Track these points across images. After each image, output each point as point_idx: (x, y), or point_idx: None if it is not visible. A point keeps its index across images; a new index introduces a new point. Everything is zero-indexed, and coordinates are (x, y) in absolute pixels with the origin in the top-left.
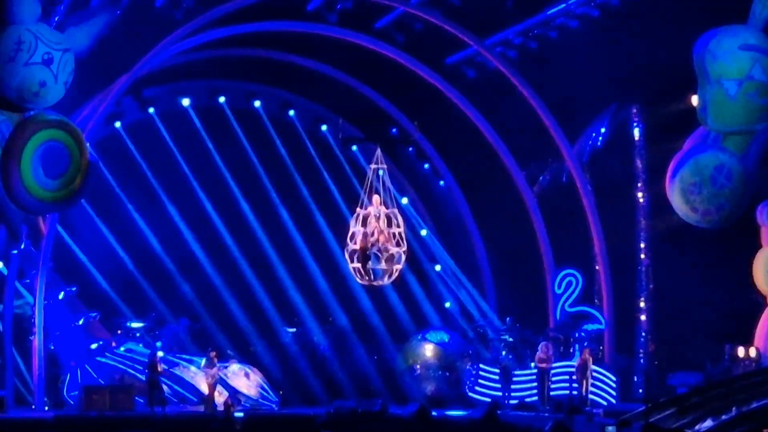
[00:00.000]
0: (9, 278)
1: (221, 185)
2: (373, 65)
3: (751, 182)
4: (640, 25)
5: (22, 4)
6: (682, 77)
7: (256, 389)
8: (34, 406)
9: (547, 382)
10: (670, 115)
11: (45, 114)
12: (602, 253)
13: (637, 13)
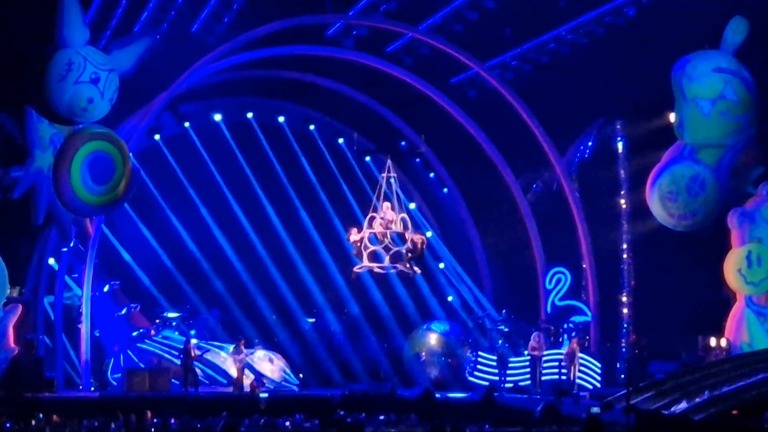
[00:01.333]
0: (60, 273)
1: (249, 191)
2: (384, 85)
3: (722, 191)
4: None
5: (73, 29)
6: (660, 96)
7: (279, 373)
8: (81, 387)
9: (538, 368)
10: (650, 130)
11: (92, 127)
12: (588, 252)
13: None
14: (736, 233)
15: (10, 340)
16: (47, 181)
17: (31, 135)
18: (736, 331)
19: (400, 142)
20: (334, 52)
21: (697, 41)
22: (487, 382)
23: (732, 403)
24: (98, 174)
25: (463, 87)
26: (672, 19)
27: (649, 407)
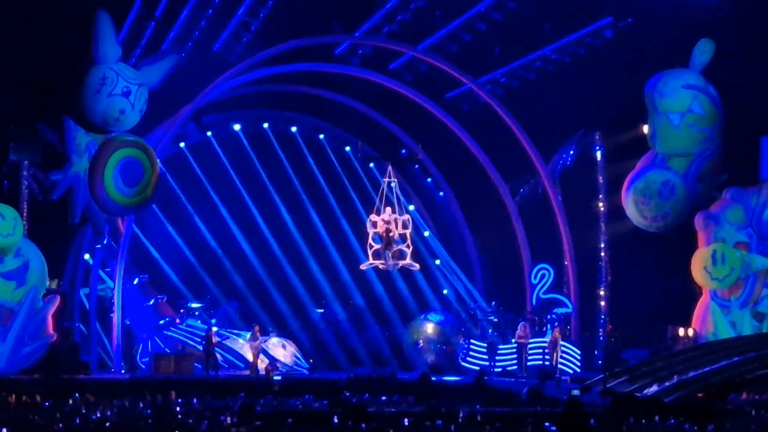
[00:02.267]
0: (94, 267)
1: (264, 193)
2: (386, 98)
3: (690, 195)
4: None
5: (106, 47)
6: (635, 110)
7: (291, 358)
8: (113, 370)
9: (524, 354)
10: (625, 141)
11: (124, 135)
12: (570, 251)
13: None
14: (703, 234)
15: (49, 327)
16: (83, 183)
17: (69, 142)
18: (702, 322)
19: (400, 150)
20: (342, 69)
21: (668, 60)
22: (478, 367)
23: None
24: (129, 177)
25: (458, 101)
26: (645, 41)
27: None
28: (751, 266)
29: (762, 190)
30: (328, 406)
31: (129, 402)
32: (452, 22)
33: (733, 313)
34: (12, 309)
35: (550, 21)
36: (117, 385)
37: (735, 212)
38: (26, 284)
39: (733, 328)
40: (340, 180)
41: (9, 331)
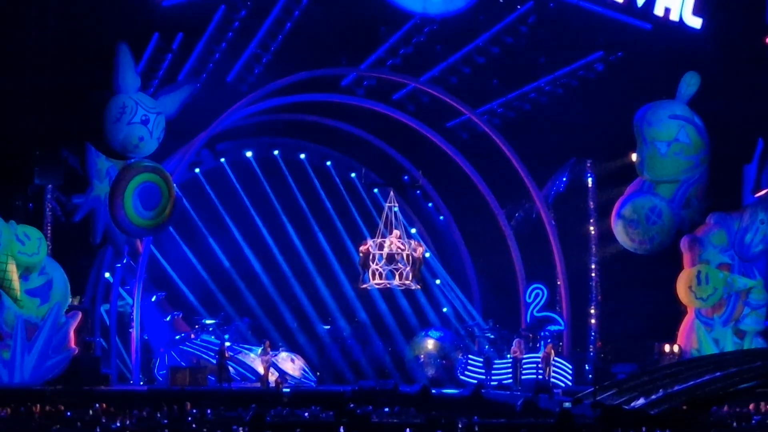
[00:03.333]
0: (114, 285)
1: (274, 216)
2: (390, 127)
3: (676, 220)
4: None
5: (126, 78)
6: (624, 139)
7: (299, 371)
8: (132, 382)
9: (519, 369)
10: (615, 168)
11: (143, 161)
12: (562, 271)
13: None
14: (688, 256)
15: (71, 341)
16: (104, 206)
17: (91, 168)
18: (687, 339)
19: (402, 176)
20: (348, 99)
21: (655, 92)
22: (476, 380)
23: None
24: (147, 201)
25: (457, 130)
26: (635, 74)
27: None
28: (734, 286)
29: (744, 215)
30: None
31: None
32: (452, 56)
33: (716, 330)
34: (36, 324)
35: (545, 55)
36: (135, 396)
37: (718, 236)
38: (50, 301)
39: (716, 344)
40: (346, 204)
41: (34, 344)
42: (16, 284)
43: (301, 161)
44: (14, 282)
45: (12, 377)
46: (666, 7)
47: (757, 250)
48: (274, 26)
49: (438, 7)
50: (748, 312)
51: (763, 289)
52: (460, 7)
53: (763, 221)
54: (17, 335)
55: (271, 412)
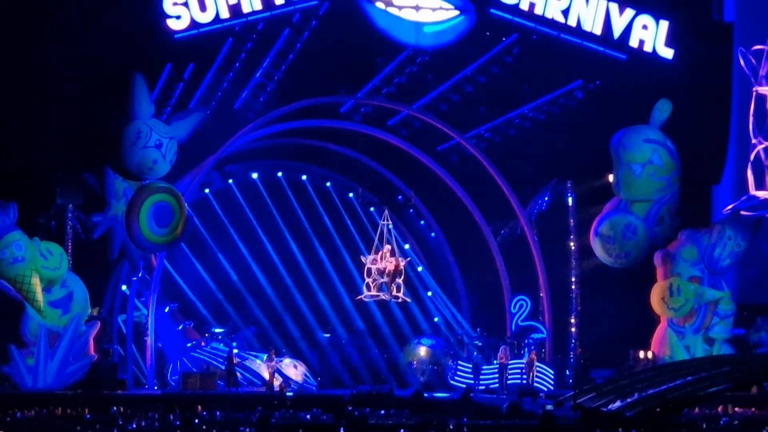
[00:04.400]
0: (130, 297)
1: (278, 233)
2: (385, 151)
3: (650, 236)
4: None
5: (141, 105)
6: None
7: (302, 376)
8: (147, 386)
9: (505, 374)
10: (593, 188)
11: (156, 182)
12: (545, 284)
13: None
14: (661, 269)
15: (91, 349)
16: (121, 224)
17: (109, 188)
18: (660, 346)
19: (396, 196)
20: (346, 125)
21: (631, 118)
22: (465, 385)
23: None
24: (161, 219)
25: (447, 153)
26: (611, 101)
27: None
28: (703, 297)
29: (713, 231)
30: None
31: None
32: (442, 85)
33: (687, 338)
34: (58, 333)
35: (528, 83)
36: (150, 399)
37: (689, 251)
38: (71, 311)
39: (687, 351)
40: (344, 222)
41: (56, 352)
42: (40, 296)
43: (303, 182)
44: (38, 294)
45: (36, 382)
46: (640, 39)
47: (725, 264)
48: (277, 57)
49: (429, 39)
50: (716, 321)
51: (730, 300)
52: (450, 40)
53: (731, 237)
54: (40, 343)
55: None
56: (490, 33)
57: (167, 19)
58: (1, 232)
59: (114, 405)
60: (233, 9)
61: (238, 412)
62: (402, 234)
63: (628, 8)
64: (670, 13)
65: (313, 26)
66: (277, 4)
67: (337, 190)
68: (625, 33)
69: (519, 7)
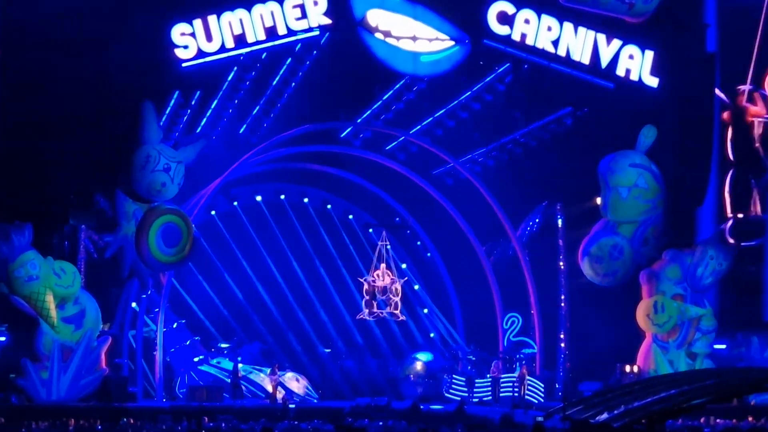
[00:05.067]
0: (140, 313)
1: (281, 253)
2: (383, 174)
3: (636, 256)
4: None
5: (150, 131)
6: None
7: (304, 389)
8: (156, 398)
9: (497, 387)
10: (582, 210)
11: (165, 204)
12: (535, 301)
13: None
14: (646, 288)
15: (102, 363)
16: (131, 244)
17: (119, 210)
18: (645, 361)
19: (394, 218)
20: (346, 150)
21: (617, 143)
22: (459, 397)
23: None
24: (169, 240)
25: (443, 177)
26: (599, 127)
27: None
28: (686, 314)
29: (695, 252)
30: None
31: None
32: (438, 111)
33: (671, 353)
34: (71, 348)
35: (520, 110)
36: (159, 411)
37: (673, 270)
38: (83, 327)
39: (671, 365)
40: (344, 242)
41: (69, 365)
42: (53, 313)
43: (304, 204)
44: (51, 311)
45: (50, 395)
46: (627, 68)
47: (707, 283)
48: (280, 85)
49: (426, 68)
50: (699, 337)
51: (712, 317)
52: (446, 69)
53: (713, 257)
54: (54, 357)
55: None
56: (483, 62)
57: (175, 48)
58: (17, 252)
59: (124, 417)
60: (238, 39)
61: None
62: (399, 254)
63: (615, 39)
64: (656, 43)
65: (315, 56)
66: (280, 35)
67: (338, 212)
68: (612, 62)
69: (511, 38)
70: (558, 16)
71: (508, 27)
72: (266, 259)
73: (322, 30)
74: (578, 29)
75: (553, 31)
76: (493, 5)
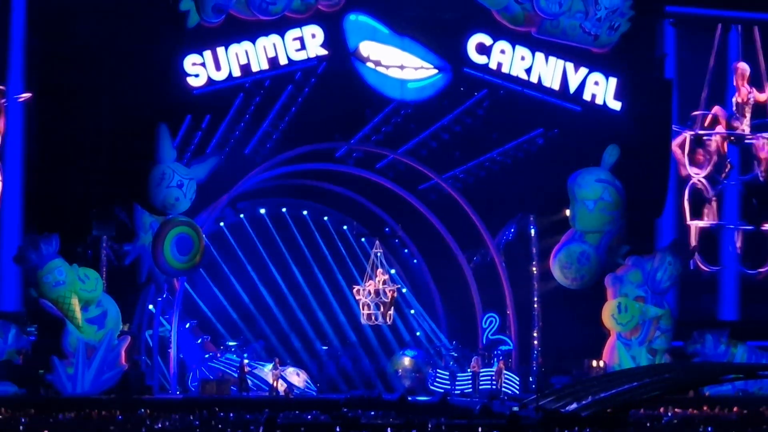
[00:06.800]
0: (156, 315)
1: (283, 261)
2: (374, 190)
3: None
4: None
5: (166, 151)
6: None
7: (303, 383)
8: (170, 392)
9: (477, 380)
10: (552, 221)
11: (178, 217)
12: (511, 303)
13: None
14: (610, 290)
15: (122, 359)
16: (148, 253)
17: (137, 222)
18: (610, 356)
19: (384, 228)
20: (341, 167)
21: (584, 161)
22: (443, 390)
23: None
24: (182, 248)
25: (427, 192)
26: (568, 147)
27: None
28: (647, 314)
29: (655, 258)
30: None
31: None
32: (423, 133)
33: (633, 349)
34: (94, 346)
35: (497, 132)
36: (173, 403)
37: (635, 274)
38: (105, 327)
39: (634, 360)
40: (339, 251)
41: (92, 362)
42: (78, 314)
43: (304, 216)
44: (77, 313)
45: (75, 388)
46: (593, 93)
47: (666, 286)
48: (282, 109)
49: (412, 94)
50: (658, 335)
51: (670, 317)
52: (430, 95)
53: (671, 263)
54: (79, 355)
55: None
56: (464, 88)
57: (187, 77)
58: (46, 260)
59: (142, 408)
60: (244, 68)
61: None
62: (389, 261)
63: (582, 67)
64: (619, 71)
65: (313, 83)
66: (281, 64)
67: (334, 223)
68: (579, 88)
69: (489, 67)
70: (531, 47)
71: (486, 57)
72: (269, 265)
73: (319, 60)
74: (549, 58)
75: (526, 60)
76: (472, 37)
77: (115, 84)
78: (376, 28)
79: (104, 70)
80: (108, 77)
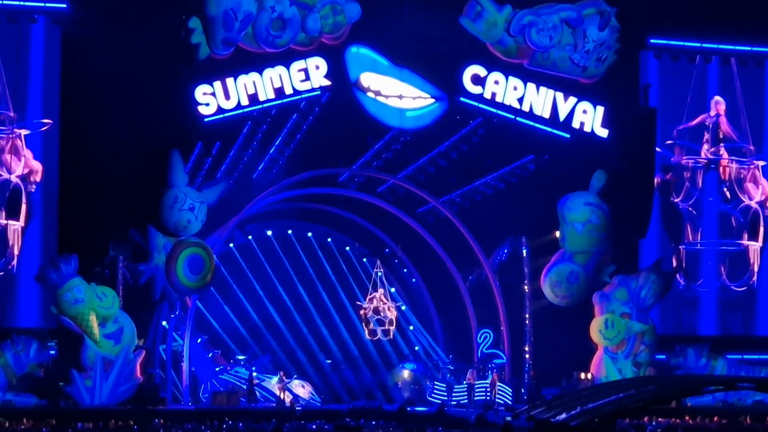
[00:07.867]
0: (169, 330)
1: (289, 280)
2: (375, 213)
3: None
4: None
5: (178, 176)
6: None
7: (308, 394)
8: (183, 403)
9: (472, 392)
10: (543, 242)
11: (190, 238)
12: (504, 319)
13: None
14: (598, 307)
15: (137, 372)
16: (161, 272)
17: (152, 243)
18: (598, 369)
19: (384, 249)
20: (343, 191)
21: (573, 185)
22: (440, 401)
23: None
24: (194, 268)
25: (425, 214)
26: (557, 172)
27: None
28: (632, 330)
29: (639, 277)
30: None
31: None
32: (421, 159)
33: (619, 362)
34: (111, 360)
35: (491, 158)
36: (186, 413)
37: (621, 292)
38: (121, 342)
39: (620, 373)
40: (342, 270)
41: (109, 375)
42: (96, 330)
43: (308, 238)
44: (95, 329)
45: (93, 400)
46: (581, 121)
47: (650, 303)
48: (287, 137)
49: (411, 122)
50: (643, 348)
51: (654, 332)
52: (427, 123)
53: (654, 281)
54: (96, 368)
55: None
56: (459, 117)
57: (198, 106)
58: (65, 279)
59: (156, 418)
60: (252, 98)
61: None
62: (389, 280)
63: (571, 96)
64: (606, 100)
65: (317, 112)
66: (287, 94)
67: (337, 244)
68: (568, 116)
69: (483, 96)
70: (523, 78)
71: (480, 87)
72: (276, 284)
73: (322, 90)
74: (540, 88)
75: (518, 90)
76: (467, 68)
77: (131, 112)
78: (376, 60)
79: (121, 100)
80: (124, 106)
